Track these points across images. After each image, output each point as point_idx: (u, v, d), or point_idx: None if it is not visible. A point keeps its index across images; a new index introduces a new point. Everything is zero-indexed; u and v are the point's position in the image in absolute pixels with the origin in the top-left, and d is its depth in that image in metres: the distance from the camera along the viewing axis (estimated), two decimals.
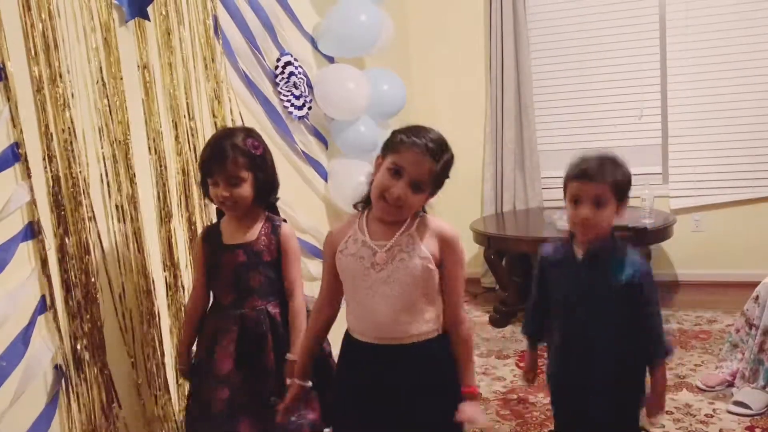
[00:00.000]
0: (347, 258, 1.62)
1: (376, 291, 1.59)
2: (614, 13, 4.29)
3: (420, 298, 1.59)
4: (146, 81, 2.15)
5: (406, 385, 1.59)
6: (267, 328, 1.86)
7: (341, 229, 1.68)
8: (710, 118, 4.15)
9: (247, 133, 1.88)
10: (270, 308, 1.89)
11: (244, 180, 1.83)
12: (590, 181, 1.63)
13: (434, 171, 1.54)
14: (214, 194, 1.85)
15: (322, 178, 3.29)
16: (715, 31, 4.07)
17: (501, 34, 4.36)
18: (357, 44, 3.25)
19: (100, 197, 1.97)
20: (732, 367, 2.74)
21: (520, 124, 4.43)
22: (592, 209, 1.63)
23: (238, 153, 1.81)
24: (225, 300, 1.91)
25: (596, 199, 1.63)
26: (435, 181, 1.57)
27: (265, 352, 1.85)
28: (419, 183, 1.54)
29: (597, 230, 1.67)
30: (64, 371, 1.83)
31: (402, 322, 1.58)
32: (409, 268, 1.57)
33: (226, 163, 1.80)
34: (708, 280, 4.19)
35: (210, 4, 2.46)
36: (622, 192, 1.66)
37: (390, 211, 1.57)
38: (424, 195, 1.57)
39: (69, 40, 1.88)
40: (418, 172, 1.53)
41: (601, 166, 1.65)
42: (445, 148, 1.58)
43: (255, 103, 2.79)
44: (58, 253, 1.83)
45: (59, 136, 1.83)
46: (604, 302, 1.67)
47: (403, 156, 1.54)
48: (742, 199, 4.15)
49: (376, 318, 1.60)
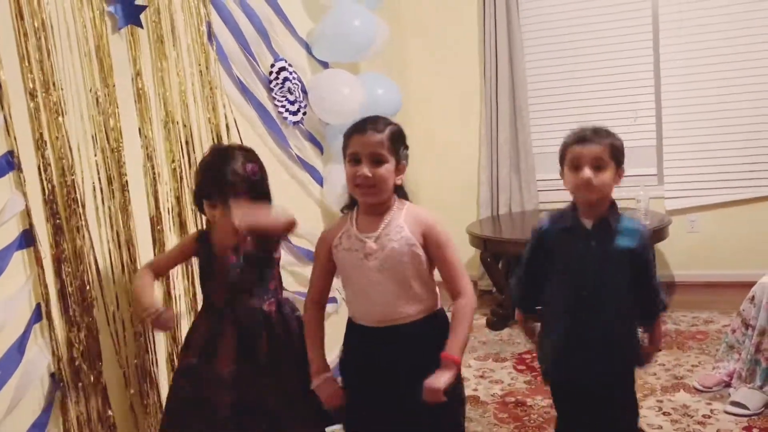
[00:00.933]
0: (342, 252, 1.76)
1: (371, 278, 1.71)
2: (608, 15, 4.31)
3: (412, 281, 1.72)
4: (139, 88, 2.15)
5: (406, 363, 1.70)
6: (261, 327, 1.87)
7: (332, 229, 1.82)
8: (704, 119, 4.16)
9: (245, 157, 1.89)
10: (265, 306, 1.90)
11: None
12: (589, 143, 1.73)
13: (384, 141, 1.69)
14: (211, 215, 1.87)
15: (318, 183, 3.29)
16: (708, 33, 4.09)
17: (495, 37, 4.37)
18: (351, 49, 3.25)
19: (93, 205, 1.97)
20: (729, 368, 2.75)
21: (515, 127, 4.44)
22: (593, 171, 1.71)
23: (239, 180, 1.83)
24: (218, 300, 1.91)
25: (596, 161, 1.72)
26: (391, 149, 1.70)
27: (261, 352, 1.86)
28: (376, 156, 1.68)
29: (599, 194, 1.74)
30: (60, 379, 1.82)
31: (397, 304, 1.71)
32: (397, 254, 1.69)
33: (226, 191, 1.81)
34: (704, 281, 4.20)
35: (203, 10, 2.46)
36: (619, 157, 1.76)
37: (367, 192, 1.71)
38: (388, 165, 1.70)
39: (62, 48, 1.88)
40: (370, 148, 1.69)
41: (597, 131, 1.76)
42: (386, 121, 1.73)
43: (250, 108, 2.79)
44: (54, 261, 1.83)
45: (53, 144, 1.82)
46: (613, 267, 1.75)
47: (353, 144, 1.72)
48: (737, 200, 4.16)
49: (374, 303, 1.73)
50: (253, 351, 1.86)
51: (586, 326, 1.78)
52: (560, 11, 4.41)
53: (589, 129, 1.78)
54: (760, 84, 4.02)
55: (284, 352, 1.89)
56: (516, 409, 2.80)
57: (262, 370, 1.85)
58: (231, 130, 2.59)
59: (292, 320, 1.95)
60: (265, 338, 1.87)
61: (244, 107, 2.76)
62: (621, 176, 1.78)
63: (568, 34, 4.40)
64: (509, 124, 4.42)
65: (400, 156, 1.73)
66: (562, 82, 4.46)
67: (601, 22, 4.32)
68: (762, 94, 4.03)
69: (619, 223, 1.78)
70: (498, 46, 4.37)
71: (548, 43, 4.46)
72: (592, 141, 1.73)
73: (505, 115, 4.41)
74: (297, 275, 3.06)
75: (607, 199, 1.78)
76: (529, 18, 4.47)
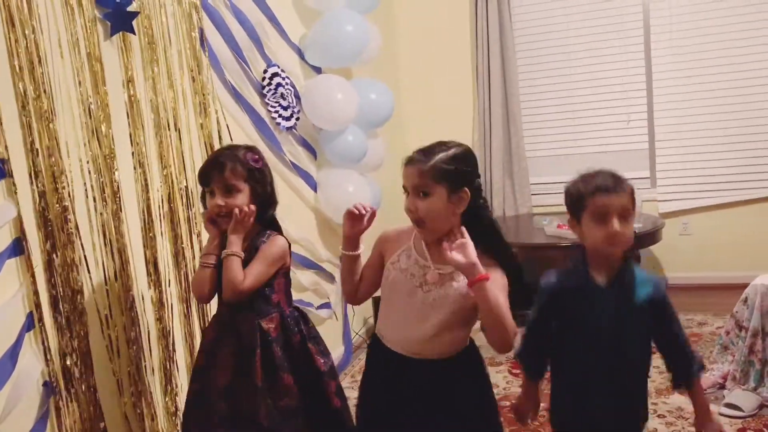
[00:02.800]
0: (397, 272, 1.67)
1: (417, 308, 1.63)
2: (599, 20, 4.33)
3: (458, 321, 1.63)
4: (131, 95, 2.15)
5: (426, 397, 1.64)
6: (257, 344, 1.83)
7: (396, 236, 1.72)
8: (696, 122, 4.19)
9: (248, 149, 1.91)
10: (264, 323, 1.86)
11: (240, 191, 1.84)
12: (615, 192, 1.54)
13: (425, 170, 1.56)
14: (210, 205, 1.85)
15: (312, 189, 3.29)
16: (699, 36, 4.11)
17: (487, 42, 4.39)
18: (344, 54, 3.26)
19: (85, 212, 1.96)
20: (723, 370, 2.75)
21: (508, 131, 4.45)
22: (621, 222, 1.53)
23: (237, 162, 1.83)
24: (223, 309, 1.92)
25: (624, 211, 1.54)
26: (437, 178, 1.56)
27: (255, 369, 1.81)
28: (419, 187, 1.58)
29: (626, 246, 1.57)
30: (53, 387, 1.81)
31: (435, 342, 1.63)
32: (457, 294, 1.59)
33: (224, 171, 1.81)
34: (697, 283, 4.21)
35: (196, 16, 2.46)
36: (635, 202, 1.60)
37: (418, 227, 1.62)
38: (436, 197, 1.57)
39: (53, 55, 1.87)
40: (413, 180, 1.59)
41: (616, 178, 1.57)
42: (436, 148, 1.60)
43: (243, 114, 2.79)
44: (46, 268, 1.82)
45: (44, 152, 1.82)
46: (632, 324, 1.59)
47: (403, 176, 1.62)
48: (730, 202, 4.18)
49: (411, 333, 1.64)
50: (249, 368, 1.82)
51: (599, 383, 1.63)
52: (552, 16, 4.42)
53: (607, 175, 1.57)
54: (751, 87, 4.04)
55: (281, 371, 1.84)
56: (511, 412, 2.79)
57: (256, 387, 1.81)
58: (224, 136, 2.59)
59: (295, 336, 1.90)
60: (259, 356, 1.82)
61: (237, 113, 2.76)
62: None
63: (560, 39, 4.42)
64: (502, 129, 4.43)
65: (455, 184, 1.57)
66: (555, 86, 4.48)
67: (593, 26, 4.34)
68: (753, 97, 4.05)
69: (634, 275, 1.60)
70: (490, 50, 4.38)
71: (540, 48, 4.48)
72: (617, 190, 1.54)
73: (497, 120, 4.42)
74: (293, 282, 3.05)
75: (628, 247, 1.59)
76: (522, 23, 4.49)
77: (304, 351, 1.90)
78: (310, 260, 3.19)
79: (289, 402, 1.83)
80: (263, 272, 1.85)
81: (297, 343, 1.90)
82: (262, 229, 1.92)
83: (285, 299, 1.94)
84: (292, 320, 1.91)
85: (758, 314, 2.59)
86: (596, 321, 1.59)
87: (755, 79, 4.03)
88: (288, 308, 1.94)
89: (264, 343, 1.83)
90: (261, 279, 1.85)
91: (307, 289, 3.18)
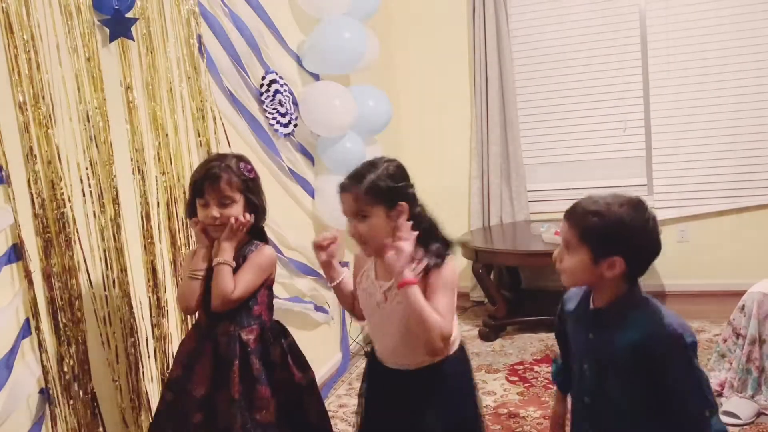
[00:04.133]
0: (362, 292, 1.79)
1: (383, 324, 1.73)
2: (596, 27, 4.34)
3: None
4: (129, 101, 2.15)
5: (414, 406, 1.70)
6: (235, 355, 1.81)
7: (363, 257, 1.80)
8: (693, 129, 4.19)
9: (239, 158, 1.90)
10: (243, 334, 1.84)
11: (235, 201, 1.84)
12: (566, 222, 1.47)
13: (361, 195, 1.63)
14: (204, 216, 1.83)
15: (310, 195, 3.29)
16: (696, 44, 4.12)
17: (485, 49, 4.40)
18: (342, 61, 3.26)
19: (84, 219, 1.96)
20: (720, 377, 2.75)
21: (505, 138, 4.46)
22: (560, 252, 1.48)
23: (232, 174, 1.83)
24: (203, 320, 1.91)
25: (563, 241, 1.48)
26: (372, 200, 1.62)
27: (232, 380, 1.79)
28: (357, 212, 1.65)
29: (567, 280, 1.50)
30: (50, 395, 1.80)
31: (407, 351, 1.69)
32: (403, 308, 1.61)
33: (220, 183, 1.81)
34: (695, 291, 4.21)
35: (194, 23, 2.47)
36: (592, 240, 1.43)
37: (363, 248, 1.70)
38: (375, 217, 1.63)
39: (52, 61, 1.87)
40: (350, 206, 1.66)
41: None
42: (365, 171, 1.66)
43: (241, 121, 2.79)
44: (44, 275, 1.81)
45: (43, 158, 1.81)
46: (609, 366, 1.42)
47: (341, 203, 1.69)
48: (727, 209, 4.18)
49: (386, 346, 1.75)
50: (226, 379, 1.80)
51: (581, 413, 1.54)
52: (549, 24, 4.44)
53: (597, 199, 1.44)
54: (748, 95, 4.05)
55: (259, 384, 1.82)
56: (509, 420, 2.80)
57: (233, 399, 1.79)
58: (222, 142, 2.59)
59: (275, 349, 1.89)
60: (238, 368, 1.80)
61: (236, 120, 2.76)
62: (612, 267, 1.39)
63: (557, 46, 4.43)
64: (500, 136, 4.44)
65: (393, 200, 1.63)
66: (552, 93, 4.48)
67: (590, 34, 4.35)
68: (750, 105, 4.06)
69: (624, 310, 1.42)
70: (488, 57, 4.39)
71: (537, 55, 4.49)
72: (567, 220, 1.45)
73: (495, 127, 4.43)
74: (288, 287, 3.06)
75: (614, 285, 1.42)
76: (519, 30, 4.50)
77: (283, 364, 1.89)
78: (309, 267, 3.19)
79: (266, 415, 1.82)
80: (252, 281, 1.85)
81: (276, 357, 1.88)
82: (250, 238, 1.93)
83: (267, 312, 1.93)
84: (272, 334, 1.90)
85: (755, 322, 2.59)
86: (581, 355, 1.51)
87: (752, 87, 4.04)
88: (269, 321, 1.93)
89: (242, 355, 1.82)
90: (250, 288, 1.85)
91: (305, 295, 3.18)
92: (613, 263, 1.39)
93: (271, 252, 1.93)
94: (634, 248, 1.41)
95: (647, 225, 1.42)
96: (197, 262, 1.86)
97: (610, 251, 1.38)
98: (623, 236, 1.39)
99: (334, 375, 3.38)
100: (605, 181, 4.36)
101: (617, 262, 1.39)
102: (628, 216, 1.39)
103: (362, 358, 3.62)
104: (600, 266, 1.40)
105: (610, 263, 1.39)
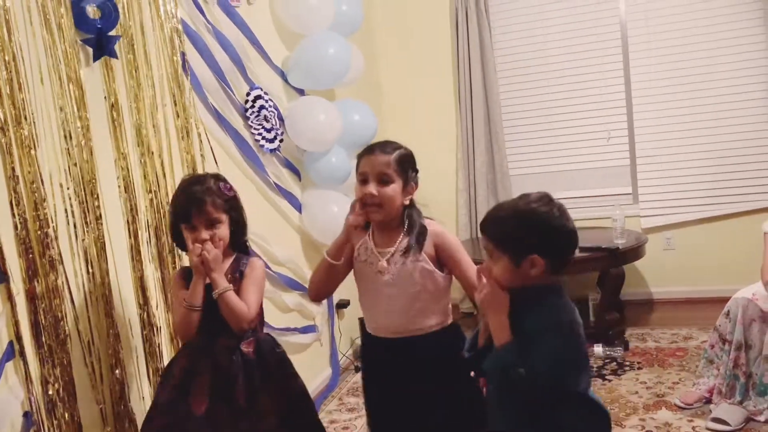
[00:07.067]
0: (360, 264, 1.86)
1: (384, 292, 1.81)
2: (578, 38, 4.38)
3: (422, 296, 1.80)
4: (114, 119, 2.14)
5: (421, 374, 1.78)
6: (238, 368, 1.83)
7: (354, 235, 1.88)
8: (677, 137, 4.24)
9: (216, 177, 1.92)
10: (243, 347, 1.87)
11: (222, 222, 1.87)
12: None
13: (390, 161, 1.78)
14: (193, 239, 1.83)
15: (296, 210, 3.28)
16: (677, 53, 4.18)
17: (468, 62, 4.43)
18: (326, 76, 3.27)
19: (67, 239, 1.94)
20: (709, 384, 2.76)
21: (491, 150, 4.48)
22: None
23: (215, 196, 1.85)
24: (197, 337, 1.89)
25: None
26: (398, 171, 1.78)
27: (236, 392, 1.82)
28: (382, 176, 1.77)
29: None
30: (33, 419, 1.77)
31: (409, 318, 1.80)
32: (408, 272, 1.78)
33: (205, 206, 1.82)
34: (682, 297, 4.24)
35: (177, 40, 2.47)
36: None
37: (374, 211, 1.78)
38: (395, 185, 1.78)
39: (34, 81, 1.86)
40: (377, 168, 1.77)
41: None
42: (395, 145, 1.83)
43: (226, 137, 2.78)
44: (28, 296, 1.79)
45: (25, 179, 1.80)
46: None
47: (362, 164, 1.81)
48: (711, 216, 4.22)
49: (386, 316, 1.83)
50: (229, 392, 1.81)
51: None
52: (532, 36, 4.48)
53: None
54: (730, 103, 4.10)
55: (261, 394, 1.84)
56: None
57: (239, 413, 1.80)
58: (207, 159, 2.59)
59: (271, 359, 1.91)
60: (242, 381, 1.82)
61: (221, 136, 2.75)
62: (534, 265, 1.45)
63: (540, 58, 4.47)
64: (485, 147, 4.46)
65: (409, 178, 1.81)
66: (536, 104, 4.52)
67: (572, 45, 4.40)
68: (731, 113, 4.11)
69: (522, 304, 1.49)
70: (472, 70, 4.42)
71: (521, 67, 4.52)
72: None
73: (480, 139, 4.45)
74: (278, 303, 3.04)
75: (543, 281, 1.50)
76: (502, 42, 4.54)
77: (279, 374, 1.91)
78: (295, 281, 3.18)
79: (268, 425, 1.83)
80: (258, 296, 1.93)
81: (272, 367, 1.90)
82: (235, 253, 1.95)
83: (260, 325, 1.98)
84: (266, 344, 1.93)
85: (740, 328, 2.61)
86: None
87: (734, 95, 4.09)
88: (262, 332, 1.98)
89: (246, 368, 1.84)
90: (259, 302, 1.93)
91: (292, 309, 3.16)
92: (533, 261, 1.44)
93: (261, 263, 2.00)
94: (546, 243, 1.45)
95: (553, 216, 1.46)
96: (197, 296, 1.85)
97: (525, 251, 1.44)
98: (533, 233, 1.45)
99: (324, 391, 3.36)
100: (591, 190, 4.39)
101: (536, 260, 1.44)
102: (533, 213, 1.46)
103: (352, 372, 3.60)
104: (523, 267, 1.45)
105: (530, 262, 1.44)
